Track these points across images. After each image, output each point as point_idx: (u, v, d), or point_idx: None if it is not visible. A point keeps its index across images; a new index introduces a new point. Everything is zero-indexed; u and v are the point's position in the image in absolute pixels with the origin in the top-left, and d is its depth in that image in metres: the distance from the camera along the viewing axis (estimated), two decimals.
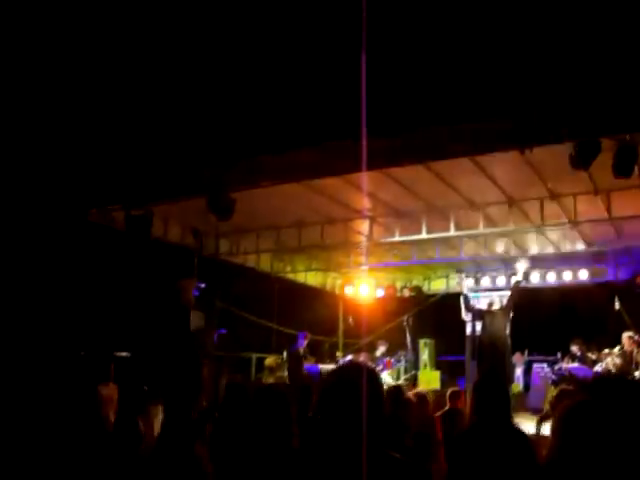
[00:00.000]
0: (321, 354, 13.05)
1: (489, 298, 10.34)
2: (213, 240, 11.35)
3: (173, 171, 8.34)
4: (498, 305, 9.89)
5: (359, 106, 5.59)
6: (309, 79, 6.60)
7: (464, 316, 14.19)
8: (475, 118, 6.05)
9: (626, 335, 10.54)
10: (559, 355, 11.71)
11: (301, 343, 11.45)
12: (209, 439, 3.75)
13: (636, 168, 6.59)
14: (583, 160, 6.50)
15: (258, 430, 3.11)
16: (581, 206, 9.08)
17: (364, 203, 9.67)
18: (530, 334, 12.75)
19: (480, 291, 13.87)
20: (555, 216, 9.36)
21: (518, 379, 12.69)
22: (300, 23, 6.26)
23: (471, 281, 13.88)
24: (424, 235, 10.07)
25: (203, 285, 10.69)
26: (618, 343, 10.62)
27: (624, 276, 12.67)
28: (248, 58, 6.68)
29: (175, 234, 10.63)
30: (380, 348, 12.94)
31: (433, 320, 14.53)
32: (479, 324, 10.48)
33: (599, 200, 8.86)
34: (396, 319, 14.26)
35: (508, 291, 10.95)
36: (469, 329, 14.29)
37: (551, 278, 13.10)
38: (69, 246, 9.62)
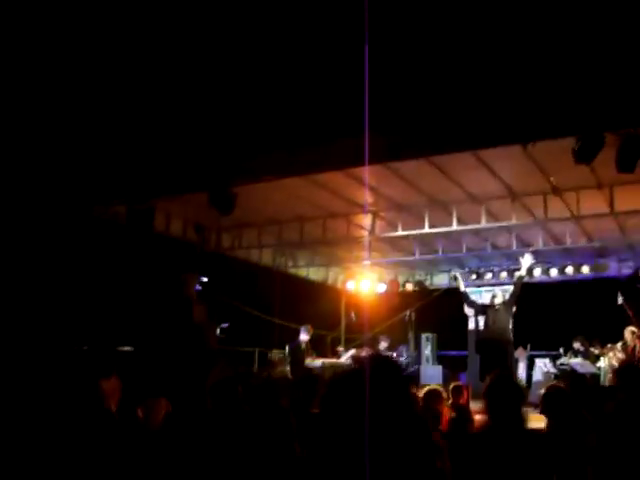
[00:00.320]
0: (323, 349, 13.05)
1: (491, 293, 10.32)
2: (215, 235, 11.35)
3: (175, 166, 8.34)
4: (500, 300, 9.88)
5: (362, 102, 5.57)
6: (311, 75, 6.58)
7: (466, 311, 14.19)
8: (477, 112, 6.04)
9: (628, 330, 10.53)
10: (561, 350, 11.71)
11: (303, 337, 11.45)
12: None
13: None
14: (586, 154, 6.48)
15: (251, 424, 3.10)
16: (584, 201, 9.06)
17: (366, 198, 9.66)
18: (532, 329, 12.73)
19: (482, 286, 13.87)
20: (558, 211, 9.34)
21: (521, 374, 12.69)
22: (303, 21, 6.24)
23: (466, 277, 13.89)
24: (426, 230, 10.06)
25: (205, 279, 10.70)
26: (621, 338, 10.62)
27: (627, 271, 12.66)
28: (251, 55, 6.67)
29: (177, 229, 10.64)
30: (382, 343, 12.92)
31: (435, 315, 14.52)
32: (481, 319, 10.46)
33: (602, 195, 8.84)
34: (398, 314, 14.26)
35: (510, 286, 10.93)
36: (471, 324, 14.31)
37: (554, 273, 13.08)
38: (72, 241, 9.62)
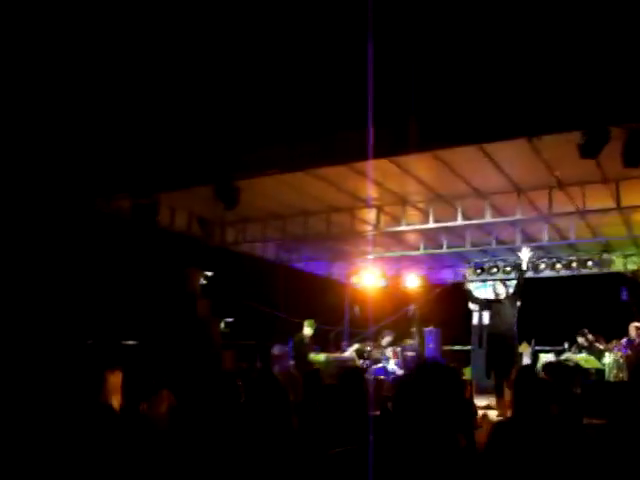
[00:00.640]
0: (327, 343, 13.05)
1: (496, 287, 10.30)
2: (219, 229, 11.35)
3: (180, 160, 8.34)
4: (504, 294, 9.86)
5: (365, 95, 5.56)
6: (314, 69, 6.57)
7: (470, 306, 14.18)
8: (483, 106, 6.01)
9: (633, 325, 10.51)
10: (566, 345, 11.68)
11: (307, 332, 11.46)
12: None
13: None
14: (592, 149, 6.45)
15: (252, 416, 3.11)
16: (589, 195, 9.02)
17: (370, 192, 9.63)
18: (537, 324, 12.71)
19: (487, 281, 13.85)
20: (563, 205, 9.30)
21: None
22: (306, 15, 6.23)
23: (472, 276, 13.90)
24: (431, 224, 10.03)
25: (209, 274, 10.71)
26: (625, 334, 10.59)
27: (632, 266, 12.62)
28: (254, 50, 6.65)
29: (181, 223, 10.64)
30: (386, 338, 12.92)
31: (439, 310, 14.52)
32: (486, 314, 10.44)
33: (607, 190, 8.80)
34: (402, 309, 14.25)
35: (514, 280, 10.91)
36: (475, 319, 14.31)
37: (558, 268, 13.05)
38: (76, 235, 9.64)
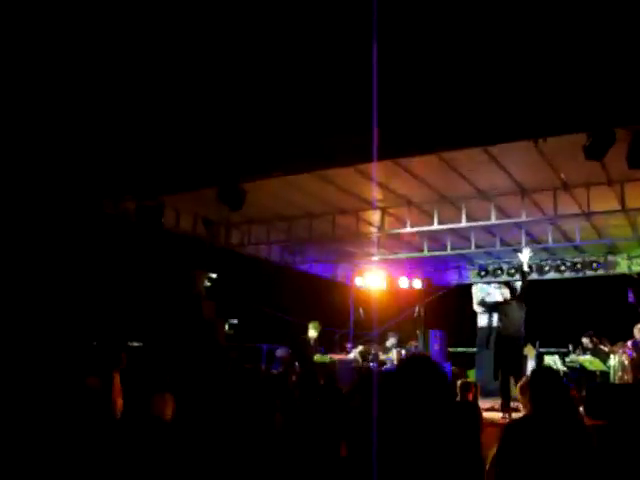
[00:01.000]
0: (332, 345, 13.07)
1: (501, 289, 10.28)
2: (224, 231, 11.38)
3: (185, 162, 8.36)
4: (509, 296, 9.85)
5: (370, 98, 5.56)
6: (320, 71, 6.58)
7: (475, 308, 14.18)
8: (488, 107, 6.01)
9: (638, 327, 10.49)
10: (571, 347, 11.66)
11: (312, 334, 11.47)
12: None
13: None
14: (597, 151, 6.45)
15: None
16: (594, 197, 9.01)
17: (375, 194, 9.64)
18: (542, 326, 12.69)
19: (491, 283, 13.84)
20: (568, 207, 9.30)
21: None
22: (312, 17, 6.24)
23: (476, 278, 13.90)
24: (435, 226, 10.03)
25: (214, 276, 10.74)
26: (630, 336, 10.56)
27: (637, 268, 12.60)
28: (260, 51, 6.67)
29: (187, 225, 10.67)
30: (391, 339, 12.94)
31: (444, 312, 14.51)
32: (492, 315, 10.41)
33: (612, 191, 8.79)
34: (407, 310, 14.25)
35: (519, 282, 10.91)
36: (480, 321, 14.30)
37: (563, 270, 13.04)
38: (82, 236, 9.67)
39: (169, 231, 10.21)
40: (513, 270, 13.50)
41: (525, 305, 9.65)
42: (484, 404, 9.35)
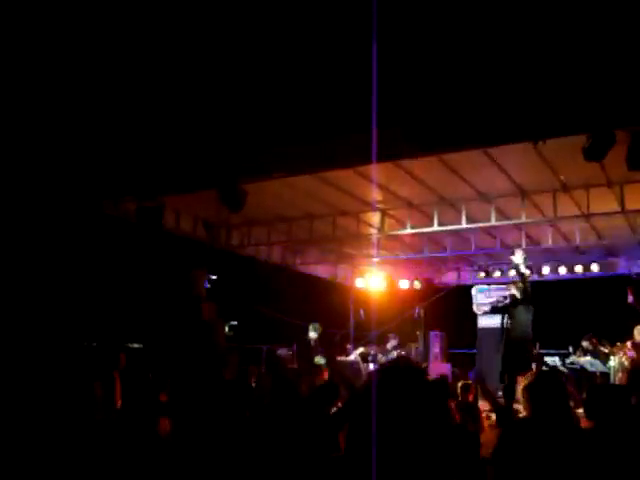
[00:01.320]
0: (332, 346, 13.07)
1: (502, 291, 10.28)
2: (224, 232, 11.38)
3: (186, 163, 8.36)
4: (519, 296, 9.80)
5: (370, 98, 5.57)
6: (320, 71, 6.58)
7: (475, 309, 14.16)
8: (488, 109, 6.02)
9: (638, 329, 10.48)
10: (571, 349, 11.66)
11: (312, 335, 11.47)
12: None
13: None
14: (597, 152, 6.45)
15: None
16: (594, 199, 9.02)
17: (375, 195, 9.65)
18: (542, 327, 12.69)
19: (491, 284, 13.84)
20: (567, 209, 9.31)
21: None
22: (312, 17, 6.25)
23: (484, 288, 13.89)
24: (435, 227, 10.04)
25: (214, 277, 10.73)
26: (630, 337, 10.56)
27: (637, 269, 12.60)
28: (259, 51, 6.68)
29: (187, 226, 10.67)
30: (391, 341, 12.94)
31: (444, 313, 14.50)
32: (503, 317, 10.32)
33: (612, 193, 8.80)
34: (407, 312, 14.25)
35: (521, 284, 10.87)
36: (481, 322, 14.26)
37: (563, 271, 13.03)
38: (82, 238, 9.67)
39: (169, 232, 10.22)
40: (514, 272, 13.48)
41: (532, 307, 9.62)
42: (484, 405, 9.34)
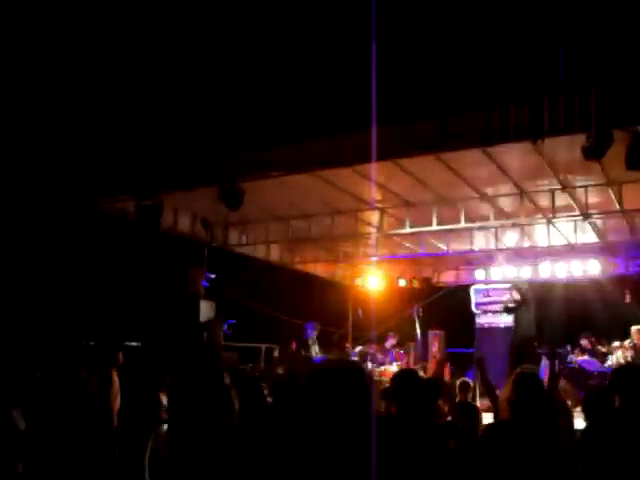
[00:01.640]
0: (330, 345, 13.06)
1: (501, 291, 10.28)
2: (222, 230, 11.36)
3: (184, 161, 8.35)
4: (518, 297, 9.82)
5: (369, 96, 5.56)
6: (320, 72, 6.58)
7: (474, 309, 14.15)
8: (488, 108, 6.02)
9: (635, 328, 10.50)
10: (568, 348, 11.66)
11: (310, 334, 11.45)
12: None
13: None
14: (596, 151, 6.44)
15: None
16: (593, 198, 9.01)
17: (374, 194, 9.63)
18: (539, 327, 12.69)
19: (489, 283, 13.82)
20: (566, 208, 9.30)
21: None
22: (312, 17, 6.25)
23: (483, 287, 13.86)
24: (434, 227, 10.02)
25: (213, 276, 10.72)
26: (629, 336, 10.58)
27: (635, 269, 12.58)
28: (260, 50, 6.67)
29: (185, 224, 10.64)
30: (390, 340, 12.93)
31: (443, 312, 14.50)
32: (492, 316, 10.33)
33: (611, 192, 8.79)
34: (406, 311, 14.24)
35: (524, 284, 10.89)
36: (479, 321, 14.25)
37: (561, 271, 13.00)
38: (81, 237, 9.66)
39: (167, 231, 10.20)
40: (515, 271, 13.49)
41: (532, 308, 9.63)
42: (483, 404, 9.34)
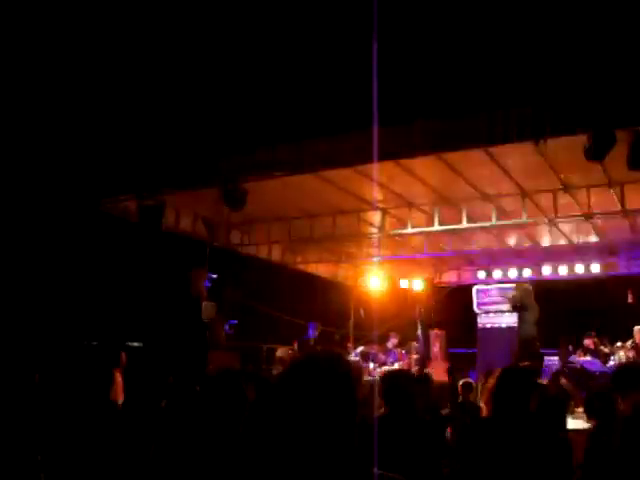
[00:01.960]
0: (332, 345, 13.06)
1: (503, 291, 10.29)
2: (224, 231, 11.37)
3: (186, 161, 8.37)
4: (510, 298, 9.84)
5: (371, 96, 5.57)
6: (322, 72, 6.59)
7: (476, 309, 14.15)
8: (490, 108, 6.02)
9: (638, 329, 10.49)
10: (571, 348, 11.65)
11: (312, 334, 11.47)
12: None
13: None
14: (598, 152, 6.45)
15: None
16: (594, 198, 9.01)
17: (376, 194, 9.64)
18: (542, 327, 12.69)
19: (491, 284, 13.83)
20: (568, 208, 9.30)
21: None
22: (313, 17, 6.26)
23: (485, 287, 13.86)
24: (436, 227, 10.02)
25: (214, 276, 10.73)
26: (631, 336, 10.57)
27: (637, 269, 12.58)
28: (262, 51, 6.69)
29: (187, 224, 10.65)
30: (391, 340, 12.95)
31: (444, 312, 14.50)
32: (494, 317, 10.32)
33: (613, 193, 8.79)
34: (407, 311, 14.25)
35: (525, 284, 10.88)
36: (481, 321, 14.25)
37: (563, 271, 13.01)
38: (82, 236, 9.67)
39: (169, 231, 10.21)
40: (515, 271, 13.50)
41: (533, 308, 9.63)
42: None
